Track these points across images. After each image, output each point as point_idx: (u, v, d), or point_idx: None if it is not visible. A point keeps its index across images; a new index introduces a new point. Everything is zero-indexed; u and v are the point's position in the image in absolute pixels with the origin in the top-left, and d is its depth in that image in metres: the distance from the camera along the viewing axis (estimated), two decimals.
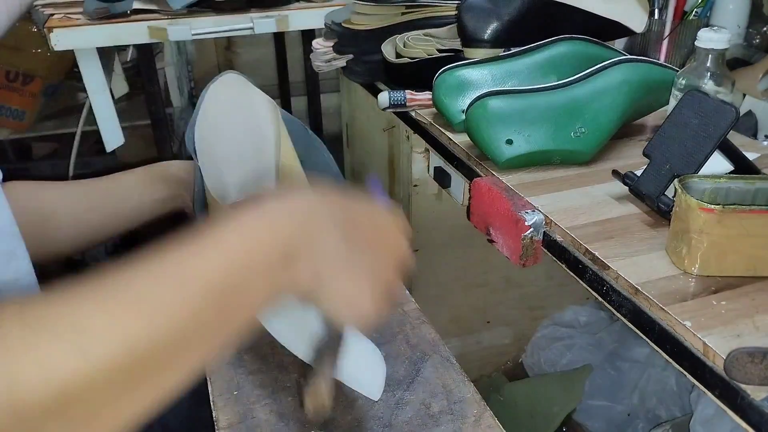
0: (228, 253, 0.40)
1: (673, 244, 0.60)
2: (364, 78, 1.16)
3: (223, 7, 1.37)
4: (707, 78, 0.78)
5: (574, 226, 0.67)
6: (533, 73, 0.87)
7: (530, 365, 1.48)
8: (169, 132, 1.66)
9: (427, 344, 0.70)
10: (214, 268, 0.39)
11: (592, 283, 0.63)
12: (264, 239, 0.41)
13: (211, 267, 0.39)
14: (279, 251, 0.41)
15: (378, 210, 0.49)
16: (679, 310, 0.54)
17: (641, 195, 0.68)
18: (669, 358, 0.54)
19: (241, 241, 0.41)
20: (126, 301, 0.36)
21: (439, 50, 1.04)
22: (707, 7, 1.14)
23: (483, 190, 0.78)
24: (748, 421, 0.48)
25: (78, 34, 1.30)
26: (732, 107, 0.63)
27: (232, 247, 0.40)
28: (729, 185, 0.61)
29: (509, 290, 1.36)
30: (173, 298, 0.37)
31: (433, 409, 0.61)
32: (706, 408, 1.10)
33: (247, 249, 0.40)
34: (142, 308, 0.36)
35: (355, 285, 0.45)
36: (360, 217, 0.47)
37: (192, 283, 0.38)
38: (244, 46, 2.59)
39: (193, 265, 0.38)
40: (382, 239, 0.47)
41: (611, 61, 0.82)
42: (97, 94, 1.41)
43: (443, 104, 0.89)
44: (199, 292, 0.38)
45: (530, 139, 0.78)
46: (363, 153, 1.43)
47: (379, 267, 0.46)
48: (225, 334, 0.40)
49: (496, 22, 0.96)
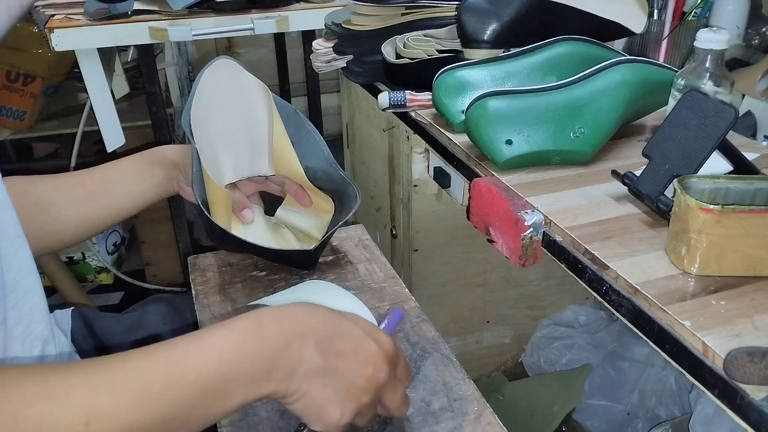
0: (222, 355, 0.45)
1: (672, 244, 0.60)
2: (364, 78, 1.17)
3: (223, 8, 1.37)
4: (706, 78, 0.78)
5: (573, 226, 0.67)
6: (533, 74, 0.88)
7: (530, 365, 1.48)
8: (169, 132, 1.66)
9: (428, 342, 0.70)
10: (208, 368, 0.44)
11: (591, 282, 0.63)
12: (254, 349, 0.46)
13: (207, 367, 0.44)
14: (265, 363, 0.46)
15: (367, 334, 0.52)
16: (679, 309, 0.54)
17: (641, 195, 0.69)
18: (668, 358, 0.55)
19: (234, 345, 0.46)
20: (131, 389, 0.41)
21: (439, 51, 1.04)
22: (706, 8, 1.14)
23: (483, 190, 0.78)
24: (748, 420, 0.48)
25: (79, 35, 1.30)
26: (731, 107, 0.63)
27: (226, 352, 0.45)
28: (728, 185, 0.61)
29: (509, 290, 1.37)
30: (170, 391, 0.42)
31: (433, 406, 0.61)
32: (705, 407, 1.10)
33: (238, 356, 0.45)
34: (144, 397, 0.41)
35: (324, 396, 0.49)
36: (343, 336, 0.50)
37: (188, 379, 0.43)
38: (244, 47, 2.60)
39: (191, 363, 0.44)
40: (359, 361, 0.50)
41: (611, 62, 0.82)
42: (98, 95, 1.41)
43: (443, 104, 0.89)
44: (192, 389, 0.43)
45: (530, 140, 0.79)
46: (363, 153, 1.43)
47: (351, 384, 0.50)
48: (201, 425, 0.45)
49: (496, 23, 0.96)
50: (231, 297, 0.78)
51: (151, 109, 1.56)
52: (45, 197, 0.75)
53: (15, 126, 2.09)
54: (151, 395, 0.42)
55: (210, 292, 0.80)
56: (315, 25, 1.41)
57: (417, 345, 0.69)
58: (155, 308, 0.84)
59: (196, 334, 0.46)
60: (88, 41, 1.32)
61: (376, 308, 0.75)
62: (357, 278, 0.81)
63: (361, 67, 1.15)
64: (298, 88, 2.17)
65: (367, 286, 0.79)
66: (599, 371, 1.38)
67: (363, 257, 0.85)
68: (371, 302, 0.76)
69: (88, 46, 1.34)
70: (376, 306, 0.76)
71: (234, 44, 2.63)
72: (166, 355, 0.44)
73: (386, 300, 0.77)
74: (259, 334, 0.47)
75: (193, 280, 0.82)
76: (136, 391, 0.41)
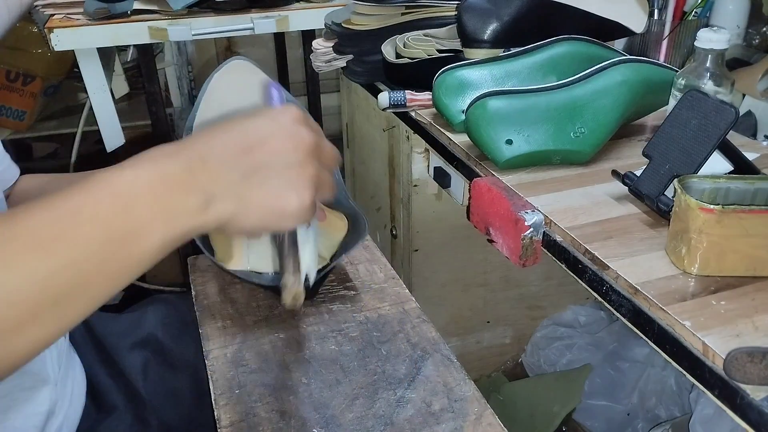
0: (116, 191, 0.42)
1: (672, 244, 0.60)
2: (364, 78, 1.17)
3: (223, 8, 1.37)
4: (707, 78, 0.78)
5: (573, 226, 0.67)
6: (533, 74, 0.88)
7: (530, 365, 1.48)
8: (169, 132, 1.66)
9: (428, 343, 0.70)
10: (104, 205, 0.41)
11: (591, 283, 0.63)
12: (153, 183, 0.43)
13: (102, 204, 0.41)
14: (173, 195, 0.43)
15: (260, 117, 0.49)
16: (679, 309, 0.54)
17: (641, 195, 0.69)
18: (668, 358, 0.55)
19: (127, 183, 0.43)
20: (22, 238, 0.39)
21: (439, 50, 1.04)
22: (707, 8, 1.14)
23: (483, 190, 0.78)
24: (748, 420, 0.48)
25: (78, 35, 1.30)
26: (731, 107, 0.63)
27: (121, 189, 0.42)
28: (728, 185, 0.61)
29: (509, 290, 1.37)
30: (68, 233, 0.40)
31: (434, 407, 0.61)
32: (705, 408, 1.10)
33: (134, 191, 0.42)
34: (42, 242, 0.39)
35: (267, 193, 0.46)
36: (240, 134, 0.47)
37: (84, 216, 0.41)
38: (244, 47, 2.60)
39: (89, 203, 0.41)
40: (274, 142, 0.47)
41: (611, 62, 0.82)
42: (98, 94, 1.41)
43: (443, 104, 0.89)
44: (92, 226, 0.40)
45: (530, 139, 0.78)
46: (363, 153, 1.43)
47: (283, 165, 0.47)
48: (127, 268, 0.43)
49: (496, 23, 0.96)
50: (231, 297, 0.78)
51: (151, 108, 1.56)
52: None
53: (15, 126, 2.09)
54: (46, 239, 0.39)
55: (210, 292, 0.80)
56: (315, 24, 1.41)
57: (417, 345, 0.69)
58: (155, 308, 0.84)
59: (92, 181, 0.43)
60: (88, 41, 1.32)
61: (376, 308, 0.75)
62: (357, 278, 0.81)
63: (361, 66, 1.15)
64: (298, 88, 2.17)
65: (367, 287, 0.79)
66: (599, 371, 1.38)
67: (363, 257, 0.85)
68: (371, 302, 0.76)
69: (88, 45, 1.34)
70: (376, 306, 0.76)
71: (234, 44, 2.63)
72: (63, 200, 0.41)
73: (386, 300, 0.77)
74: (155, 169, 0.44)
75: (193, 281, 0.82)
76: (28, 239, 0.39)
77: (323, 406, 0.62)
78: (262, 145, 0.47)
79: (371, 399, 0.62)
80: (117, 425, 0.71)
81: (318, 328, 0.72)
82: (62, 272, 0.39)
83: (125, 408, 0.72)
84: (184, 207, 0.43)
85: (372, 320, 0.73)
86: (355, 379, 0.65)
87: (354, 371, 0.66)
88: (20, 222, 0.40)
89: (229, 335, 0.72)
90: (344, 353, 0.68)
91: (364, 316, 0.74)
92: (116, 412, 0.71)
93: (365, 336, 0.71)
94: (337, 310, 0.75)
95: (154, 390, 0.75)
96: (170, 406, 0.74)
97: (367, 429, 0.59)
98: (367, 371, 0.66)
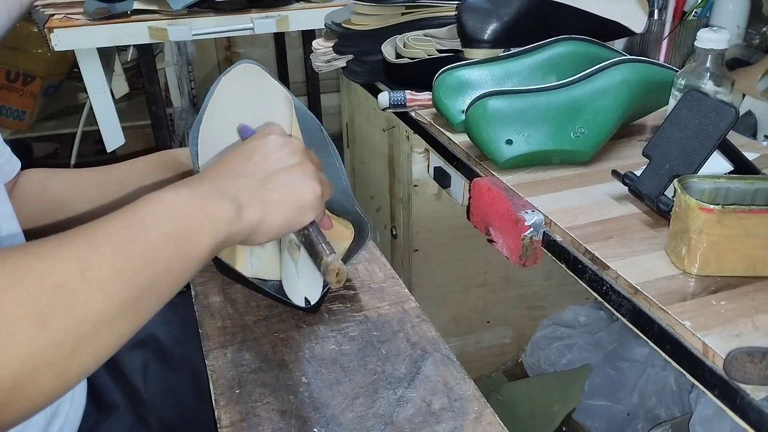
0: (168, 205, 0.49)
1: (672, 244, 0.60)
2: (364, 78, 1.17)
3: (223, 8, 1.37)
4: (707, 78, 0.78)
5: (573, 226, 0.67)
6: (533, 74, 0.88)
7: (530, 365, 1.48)
8: (169, 132, 1.66)
9: (428, 342, 0.70)
10: (162, 216, 0.48)
11: (591, 283, 0.63)
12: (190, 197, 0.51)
13: (158, 215, 0.48)
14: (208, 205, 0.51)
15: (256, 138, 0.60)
16: (679, 309, 0.54)
17: (641, 195, 0.69)
18: (668, 358, 0.55)
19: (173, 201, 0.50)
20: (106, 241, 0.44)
21: (439, 50, 1.04)
22: (707, 8, 1.14)
23: (483, 190, 0.78)
24: (748, 420, 0.48)
25: (78, 35, 1.31)
26: (731, 107, 0.63)
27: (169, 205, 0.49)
28: (728, 185, 0.61)
29: (509, 290, 1.37)
30: (140, 236, 0.46)
31: (434, 406, 0.61)
32: (705, 408, 1.10)
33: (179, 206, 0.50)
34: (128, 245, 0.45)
35: (286, 192, 0.56)
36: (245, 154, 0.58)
37: (148, 224, 0.47)
38: (244, 46, 2.60)
39: (146, 215, 0.48)
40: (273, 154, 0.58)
41: (611, 62, 0.82)
42: (98, 94, 1.42)
43: (443, 104, 0.89)
44: (156, 233, 0.47)
45: (530, 139, 0.79)
46: (363, 153, 1.43)
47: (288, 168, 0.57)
48: (185, 269, 0.49)
49: (496, 23, 0.96)
50: (231, 297, 0.78)
51: (151, 108, 1.57)
52: (61, 195, 0.75)
53: (15, 126, 2.10)
54: (126, 242, 0.45)
55: (210, 292, 0.80)
56: (315, 24, 1.41)
57: (417, 345, 0.69)
58: None
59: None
60: (88, 41, 1.32)
61: (375, 308, 0.75)
62: (357, 278, 0.81)
63: (361, 66, 1.15)
64: (298, 88, 2.17)
65: (366, 286, 0.79)
66: (599, 371, 1.38)
67: (362, 257, 0.85)
68: (371, 302, 0.76)
69: (88, 45, 1.34)
70: (375, 306, 0.76)
71: (234, 44, 2.63)
72: (124, 214, 0.47)
73: (386, 300, 0.77)
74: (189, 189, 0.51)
75: (193, 281, 0.82)
76: (113, 242, 0.44)
77: (323, 406, 0.62)
78: (266, 157, 0.57)
79: (371, 398, 0.62)
80: (117, 425, 0.71)
81: (318, 327, 0.72)
82: (141, 271, 0.45)
83: (126, 408, 0.72)
84: (222, 212, 0.51)
85: (372, 320, 0.73)
86: (355, 378, 0.65)
87: (354, 371, 0.66)
88: (99, 230, 0.45)
89: (229, 335, 0.72)
90: (344, 353, 0.68)
91: (363, 315, 0.74)
92: (117, 412, 0.71)
93: (365, 335, 0.71)
94: (336, 310, 0.75)
95: (155, 390, 0.75)
96: (170, 406, 0.74)
97: (367, 428, 0.59)
98: (367, 371, 0.66)
